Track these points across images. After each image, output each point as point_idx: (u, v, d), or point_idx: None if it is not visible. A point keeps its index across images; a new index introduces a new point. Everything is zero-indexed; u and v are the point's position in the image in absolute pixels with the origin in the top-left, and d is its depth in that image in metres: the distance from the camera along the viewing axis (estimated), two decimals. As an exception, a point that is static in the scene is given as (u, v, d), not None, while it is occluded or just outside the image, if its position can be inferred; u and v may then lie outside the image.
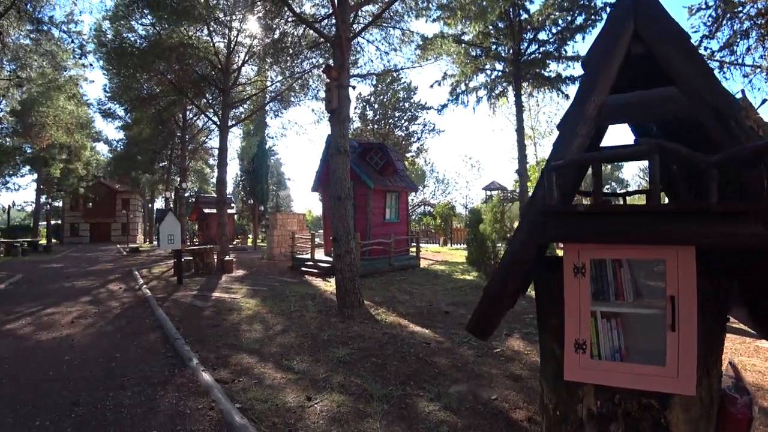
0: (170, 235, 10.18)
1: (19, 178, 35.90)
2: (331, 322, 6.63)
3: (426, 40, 12.56)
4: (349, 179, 7.94)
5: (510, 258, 2.06)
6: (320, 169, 14.01)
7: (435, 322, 6.83)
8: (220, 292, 9.18)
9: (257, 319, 6.73)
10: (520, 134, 17.53)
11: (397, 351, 5.27)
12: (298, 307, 7.59)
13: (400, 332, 6.12)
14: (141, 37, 14.93)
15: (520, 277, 2.07)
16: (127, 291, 9.68)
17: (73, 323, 6.50)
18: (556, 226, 1.92)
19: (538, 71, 18.05)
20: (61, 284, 10.77)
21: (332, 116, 8.09)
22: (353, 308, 7.40)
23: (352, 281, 7.58)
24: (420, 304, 8.15)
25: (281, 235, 17.29)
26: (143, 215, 45.23)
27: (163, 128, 23.71)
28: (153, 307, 7.48)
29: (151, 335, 5.85)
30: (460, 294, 9.29)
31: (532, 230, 1.98)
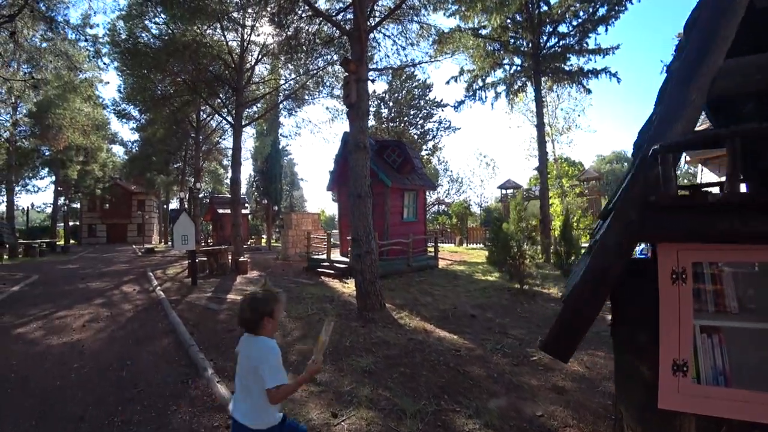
0: (184, 235, 9.94)
1: (38, 180, 36.52)
2: (352, 326, 6.27)
3: (444, 34, 12.15)
4: (369, 176, 7.58)
5: (601, 262, 1.66)
6: (336, 168, 13.70)
7: (462, 326, 6.43)
8: (234, 294, 8.89)
9: (274, 323, 6.41)
10: (540, 130, 16.97)
11: (425, 359, 4.89)
12: (316, 310, 7.25)
13: (427, 338, 5.74)
14: (154, 36, 14.80)
15: (612, 284, 1.67)
16: (140, 293, 9.47)
17: (85, 327, 6.25)
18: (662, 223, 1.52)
19: (558, 65, 17.47)
20: (76, 286, 10.62)
21: (351, 111, 7.75)
22: (374, 312, 7.03)
23: (373, 283, 7.22)
24: (443, 306, 7.75)
25: (296, 235, 17.03)
26: (158, 216, 45.62)
27: (177, 129, 23.69)
28: (166, 309, 7.22)
29: (164, 340, 5.56)
30: (484, 296, 8.87)
31: (630, 228, 1.59)
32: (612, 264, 1.61)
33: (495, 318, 7.02)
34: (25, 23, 12.33)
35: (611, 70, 16.40)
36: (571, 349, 1.79)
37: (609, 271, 1.62)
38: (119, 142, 34.14)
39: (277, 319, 2.10)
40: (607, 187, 56.30)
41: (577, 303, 1.72)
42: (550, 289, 9.78)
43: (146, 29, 14.23)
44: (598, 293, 1.66)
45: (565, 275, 11.43)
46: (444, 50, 12.66)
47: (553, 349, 1.81)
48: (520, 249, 9.82)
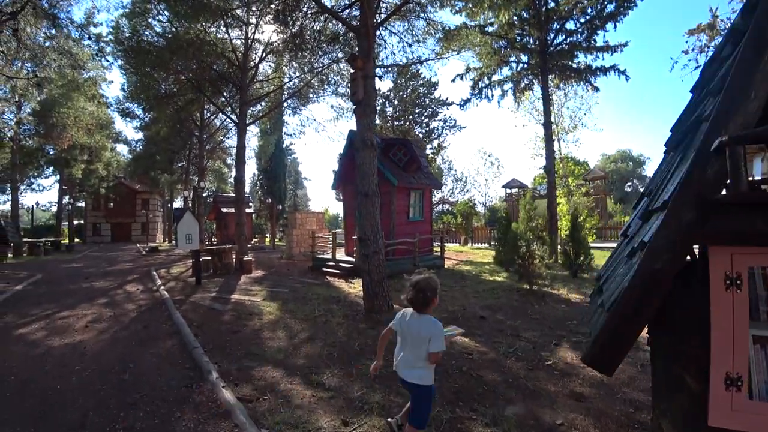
0: (188, 234, 9.82)
1: (43, 179, 36.63)
2: (360, 328, 6.12)
3: (450, 31, 11.97)
4: (376, 175, 7.42)
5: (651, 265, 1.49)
6: (341, 166, 13.55)
7: (472, 328, 6.25)
8: (239, 294, 8.76)
9: (280, 324, 6.26)
10: (548, 129, 16.74)
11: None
12: (323, 311, 7.10)
13: (437, 341, 5.56)
14: (158, 34, 14.71)
15: (664, 289, 1.50)
16: (144, 292, 9.35)
17: (87, 328, 6.13)
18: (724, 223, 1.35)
19: (565, 63, 17.24)
20: (80, 285, 10.52)
21: (358, 108, 7.59)
22: (382, 313, 6.88)
23: (381, 284, 7.07)
24: (452, 308, 7.58)
25: (300, 234, 16.89)
26: (162, 215, 45.64)
27: (181, 128, 23.62)
28: (170, 310, 7.09)
29: (168, 342, 5.42)
30: (493, 297, 8.69)
31: (686, 229, 1.42)
32: (664, 267, 1.45)
33: (506, 320, 6.85)
34: (27, 21, 12.24)
35: (620, 68, 16.15)
36: (617, 362, 1.62)
37: (661, 275, 1.45)
38: (123, 141, 34.16)
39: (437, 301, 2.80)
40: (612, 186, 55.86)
41: (625, 310, 1.55)
42: (559, 290, 9.59)
43: (150, 27, 14.15)
44: (649, 299, 1.49)
45: (573, 276, 11.25)
46: (451, 47, 12.48)
47: (599, 362, 1.64)
48: (530, 249, 9.63)
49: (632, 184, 73.59)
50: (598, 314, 2.02)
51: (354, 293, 8.93)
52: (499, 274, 11.86)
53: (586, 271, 11.51)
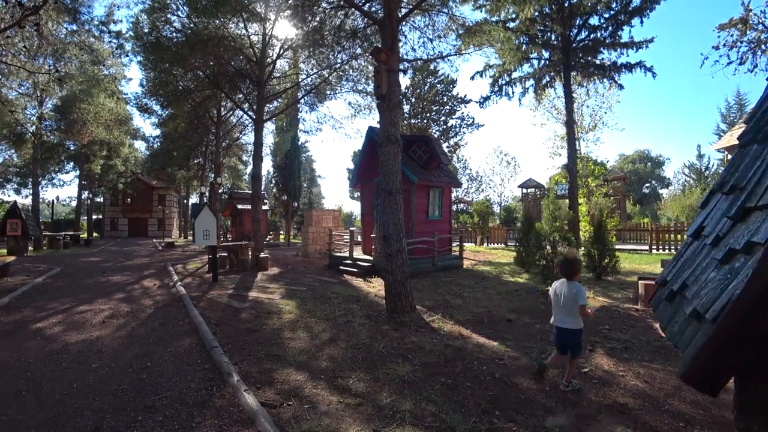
0: (206, 230, 9.71)
1: (64, 174, 37.29)
2: (383, 330, 5.88)
3: (472, 27, 11.66)
4: (400, 172, 7.18)
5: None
6: (359, 164, 13.33)
7: (500, 331, 5.97)
8: (257, 292, 8.60)
9: (300, 324, 6.05)
10: (570, 127, 16.28)
11: (467, 369, 4.47)
12: (344, 311, 6.88)
13: (465, 344, 5.31)
14: (177, 30, 14.68)
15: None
16: (161, 288, 9.26)
17: (105, 323, 6.00)
18: None
19: (588, 59, 16.74)
20: (97, 279, 10.50)
21: (381, 103, 7.35)
22: (405, 314, 6.64)
23: (404, 284, 6.82)
24: (477, 309, 7.29)
25: (316, 232, 16.74)
26: (178, 211, 46.13)
27: (198, 124, 23.70)
28: (188, 307, 6.95)
29: (186, 340, 5.25)
30: (517, 298, 8.38)
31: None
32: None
33: (533, 323, 6.55)
34: (49, 15, 12.29)
35: (646, 64, 15.58)
36: (723, 383, 1.35)
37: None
38: (141, 137, 34.50)
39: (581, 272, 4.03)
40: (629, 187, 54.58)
41: (736, 322, 1.28)
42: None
43: (168, 22, 14.12)
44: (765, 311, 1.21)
45: (597, 278, 10.86)
46: (472, 43, 12.15)
47: (701, 382, 1.36)
48: (555, 250, 9.29)
49: (650, 185, 72.03)
50: (685, 324, 1.74)
51: (374, 293, 8.70)
52: (521, 275, 11.52)
53: (610, 273, 11.10)
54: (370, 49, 15.05)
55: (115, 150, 31.10)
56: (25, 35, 12.13)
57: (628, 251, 17.18)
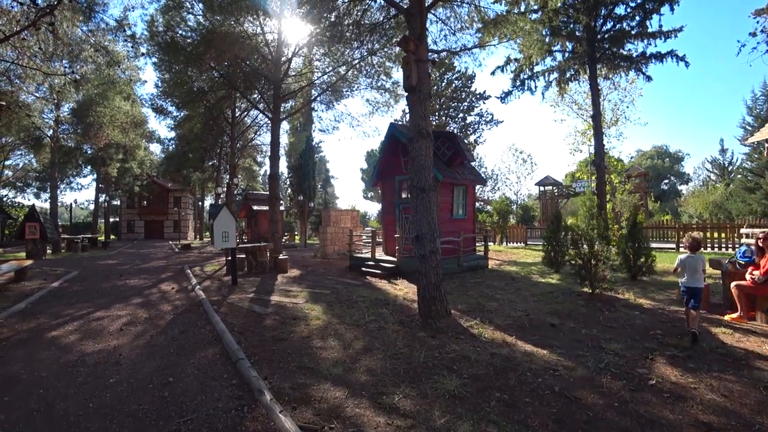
0: (225, 232, 9.35)
1: (82, 178, 37.67)
2: (420, 337, 5.40)
3: (497, 18, 11.14)
4: (432, 167, 6.71)
5: None
6: (380, 161, 12.89)
7: (545, 338, 5.47)
8: (279, 296, 8.19)
9: (330, 331, 5.61)
10: (597, 121, 15.61)
11: (521, 381, 3.98)
12: (374, 316, 6.42)
13: (512, 353, 4.81)
14: (191, 29, 14.40)
15: None
16: (179, 292, 8.92)
17: (122, 331, 5.64)
18: None
19: (615, 51, 16.03)
20: (114, 283, 10.23)
21: (411, 95, 6.89)
22: (440, 319, 6.16)
23: (438, 287, 6.35)
24: (515, 313, 6.78)
25: (335, 232, 16.34)
26: (194, 213, 46.32)
27: (213, 126, 23.54)
28: (208, 312, 6.56)
29: (209, 350, 4.85)
30: (554, 301, 7.84)
31: None
32: None
33: (579, 328, 6.02)
34: (64, 16, 12.11)
35: (678, 53, 14.82)
36: None
37: None
38: (156, 139, 34.60)
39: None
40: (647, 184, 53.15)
41: None
42: (624, 293, 8.67)
43: (183, 20, 13.85)
44: None
45: (632, 278, 10.25)
46: (497, 35, 11.62)
47: None
48: (593, 249, 8.71)
49: (669, 182, 70.27)
50: None
51: (401, 296, 8.23)
52: (551, 275, 10.95)
53: (646, 273, 10.49)
54: (388, 43, 14.67)
55: (131, 153, 31.23)
56: (40, 37, 11.96)
57: (654, 250, 16.47)
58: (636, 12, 15.48)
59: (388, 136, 12.38)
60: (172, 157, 30.69)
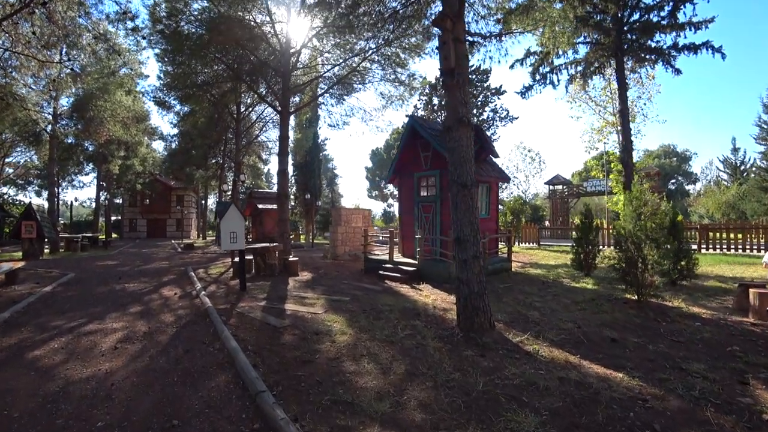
0: (233, 232, 8.51)
1: (84, 176, 36.93)
2: (467, 356, 4.56)
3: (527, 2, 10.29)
4: (473, 160, 5.86)
5: None
6: (398, 157, 12.03)
7: (612, 356, 4.68)
8: (294, 304, 7.35)
9: (361, 350, 4.76)
10: (625, 116, 14.72)
11: (611, 417, 3.19)
12: (407, 330, 5.57)
13: (583, 377, 3.99)
14: (196, 18, 13.55)
15: None
16: (182, 298, 8.08)
17: (117, 350, 4.79)
18: None
19: (643, 42, 15.12)
20: (112, 287, 9.40)
21: (447, 78, 6.03)
22: (484, 333, 5.32)
23: (482, 297, 5.50)
24: (564, 325, 5.94)
25: (345, 232, 15.50)
26: (197, 211, 45.58)
27: (217, 122, 22.72)
28: (216, 325, 5.72)
29: (221, 377, 4.01)
30: (600, 309, 7.02)
31: None
32: None
33: (643, 343, 5.23)
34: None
35: (713, 44, 13.89)
36: None
37: None
38: (159, 136, 33.81)
39: None
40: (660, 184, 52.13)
41: None
42: (671, 300, 7.83)
43: (187, 5, 12.98)
44: None
45: (672, 284, 9.38)
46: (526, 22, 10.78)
47: None
48: (641, 253, 7.85)
49: (676, 181, 69.16)
50: None
51: (430, 304, 7.38)
52: (583, 280, 10.09)
53: (686, 277, 9.62)
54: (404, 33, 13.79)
55: (132, 150, 30.43)
56: (35, 21, 11.14)
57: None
58: (666, 1, 14.58)
59: (408, 130, 11.53)
60: (175, 155, 29.92)
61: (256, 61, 14.56)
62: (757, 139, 40.86)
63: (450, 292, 8.41)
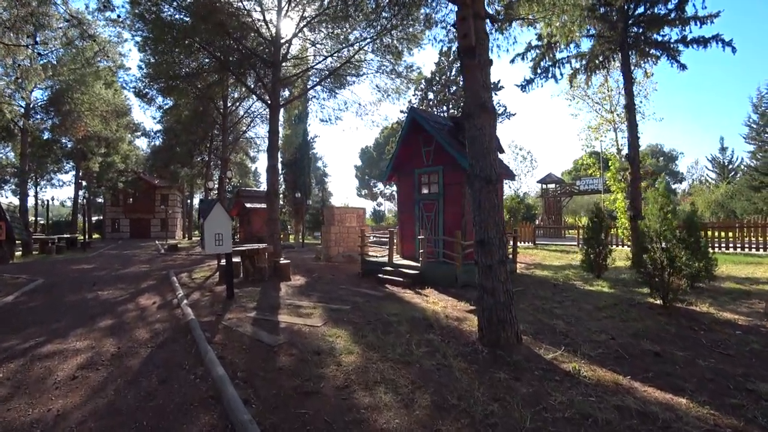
0: (218, 234, 7.65)
1: (63, 174, 35.38)
2: (500, 380, 3.83)
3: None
4: (496, 151, 5.13)
5: None
6: (396, 153, 11.26)
7: (665, 375, 4.10)
8: (288, 314, 6.53)
9: (374, 375, 3.98)
10: (631, 111, 14.13)
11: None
12: (424, 347, 4.80)
13: (643, 405, 3.34)
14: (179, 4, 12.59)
15: None
16: (161, 308, 7.19)
17: (75, 381, 3.91)
18: None
19: (649, 36, 14.57)
20: (83, 295, 8.45)
21: (466, 58, 5.28)
22: (511, 348, 4.61)
23: (509, 308, 4.77)
24: (597, 337, 5.27)
25: (339, 232, 14.68)
26: (182, 211, 44.23)
27: (203, 112, 21.64)
28: (199, 343, 4.87)
29: (204, 417, 3.18)
30: (627, 317, 6.39)
31: None
32: None
33: (690, 357, 4.64)
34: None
35: (724, 38, 13.35)
36: None
37: None
38: (142, 132, 32.50)
39: None
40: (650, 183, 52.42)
41: None
42: (698, 305, 7.25)
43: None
44: None
45: (691, 286, 8.80)
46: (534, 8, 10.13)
47: None
48: (669, 253, 7.24)
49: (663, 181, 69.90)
50: None
51: (440, 311, 6.63)
52: (596, 282, 9.47)
53: (704, 280, 9.07)
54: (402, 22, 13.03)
55: (113, 146, 29.13)
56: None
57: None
58: (672, -7, 14.03)
59: (408, 123, 10.78)
60: (158, 152, 28.69)
61: (245, 50, 13.66)
62: (746, 139, 41.14)
63: (458, 298, 7.70)
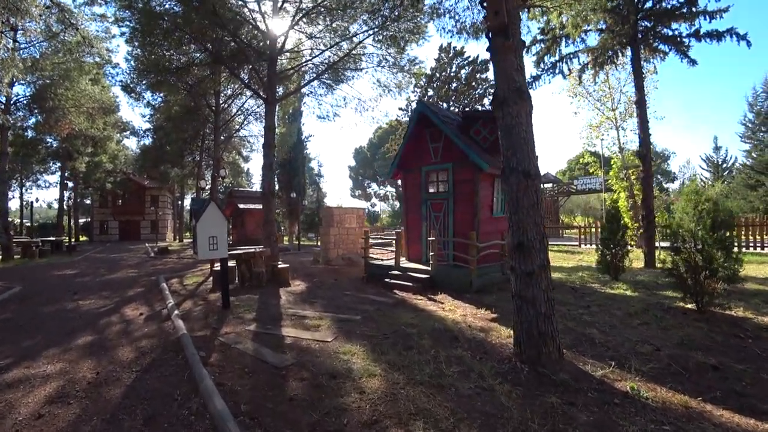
0: (213, 237, 6.94)
1: (50, 175, 34.22)
2: (552, 405, 3.21)
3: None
4: (534, 142, 4.48)
5: None
6: (402, 150, 10.59)
7: (735, 395, 3.73)
8: (292, 327, 5.83)
9: (405, 404, 3.30)
10: (641, 107, 13.63)
11: None
12: (455, 365, 4.14)
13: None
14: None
15: None
16: (149, 321, 6.44)
17: (40, 420, 3.17)
18: None
19: (658, 30, 14.10)
20: (62, 305, 7.66)
21: (497, 39, 4.64)
22: (554, 365, 3.99)
23: (550, 320, 4.14)
24: (641, 348, 4.74)
25: (338, 234, 13.99)
26: (173, 212, 43.14)
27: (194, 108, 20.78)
28: (193, 367, 4.15)
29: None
30: (665, 324, 5.86)
31: None
32: None
33: (753, 370, 4.23)
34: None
35: (738, 31, 12.87)
36: None
37: None
38: (131, 131, 31.49)
39: None
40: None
41: None
42: (732, 309, 6.74)
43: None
44: None
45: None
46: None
47: None
48: (703, 253, 6.72)
49: (655, 180, 70.16)
50: None
51: (461, 321, 5.99)
52: (616, 285, 8.91)
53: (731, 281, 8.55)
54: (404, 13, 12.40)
55: (101, 145, 28.11)
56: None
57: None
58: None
59: (415, 118, 10.13)
60: (148, 151, 27.73)
61: (239, 42, 12.93)
62: (742, 138, 41.07)
63: (476, 305, 7.07)
